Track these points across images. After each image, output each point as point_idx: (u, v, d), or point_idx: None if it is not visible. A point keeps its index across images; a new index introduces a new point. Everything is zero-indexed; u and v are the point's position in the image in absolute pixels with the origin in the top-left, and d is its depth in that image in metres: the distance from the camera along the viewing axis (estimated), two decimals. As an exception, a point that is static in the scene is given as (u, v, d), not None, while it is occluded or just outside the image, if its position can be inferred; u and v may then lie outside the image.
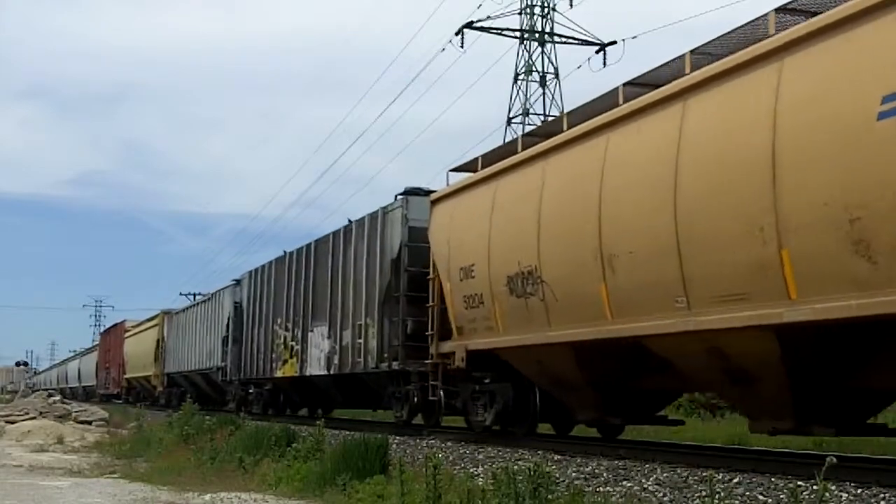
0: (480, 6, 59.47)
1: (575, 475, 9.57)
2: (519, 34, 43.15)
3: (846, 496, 7.37)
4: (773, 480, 8.24)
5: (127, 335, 48.22)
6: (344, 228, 19.64)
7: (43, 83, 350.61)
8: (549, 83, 43.11)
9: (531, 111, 42.57)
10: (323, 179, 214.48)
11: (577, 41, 42.69)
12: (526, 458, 10.68)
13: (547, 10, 43.27)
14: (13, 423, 23.06)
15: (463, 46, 41.16)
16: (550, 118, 39.96)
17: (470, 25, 41.40)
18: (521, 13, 43.00)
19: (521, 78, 43.11)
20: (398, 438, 14.68)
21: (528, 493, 6.67)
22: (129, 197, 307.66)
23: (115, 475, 12.87)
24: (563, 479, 9.07)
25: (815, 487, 6.93)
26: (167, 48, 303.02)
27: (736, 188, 8.89)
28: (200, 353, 31.97)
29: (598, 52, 41.44)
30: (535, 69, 43.04)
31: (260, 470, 11.61)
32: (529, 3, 43.08)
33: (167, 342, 38.47)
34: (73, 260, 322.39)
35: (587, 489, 8.48)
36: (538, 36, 43.16)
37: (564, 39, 43.05)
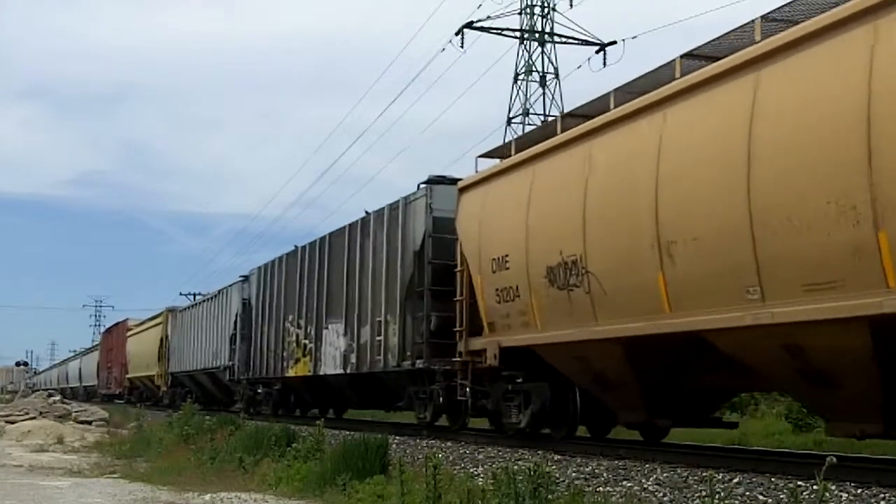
0: (480, 6, 59.27)
1: (575, 475, 9.52)
2: (519, 34, 42.96)
3: (846, 496, 7.34)
4: (773, 480, 8.19)
5: (129, 334, 47.24)
6: (361, 220, 18.69)
7: (43, 83, 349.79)
8: (549, 83, 42.91)
9: (531, 111, 42.37)
10: (323, 179, 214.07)
11: (577, 41, 42.51)
12: (526, 458, 10.60)
13: (547, 10, 43.10)
14: (13, 423, 22.95)
15: (463, 46, 41.05)
16: (550, 118, 40.43)
17: (470, 25, 41.21)
18: (521, 13, 42.86)
19: (521, 78, 42.90)
20: (398, 438, 14.46)
21: (528, 493, 6.68)
22: (129, 197, 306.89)
23: (115, 475, 12.84)
24: (563, 479, 9.03)
25: (815, 487, 6.89)
26: (167, 48, 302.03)
27: (823, 163, 7.96)
28: (206, 351, 31.00)
29: (598, 52, 41.19)
30: (535, 69, 42.86)
31: (260, 470, 11.56)
32: (529, 3, 42.91)
33: (171, 341, 37.50)
34: (73, 260, 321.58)
35: (587, 489, 8.45)
36: (538, 36, 42.95)
37: (564, 39, 42.89)
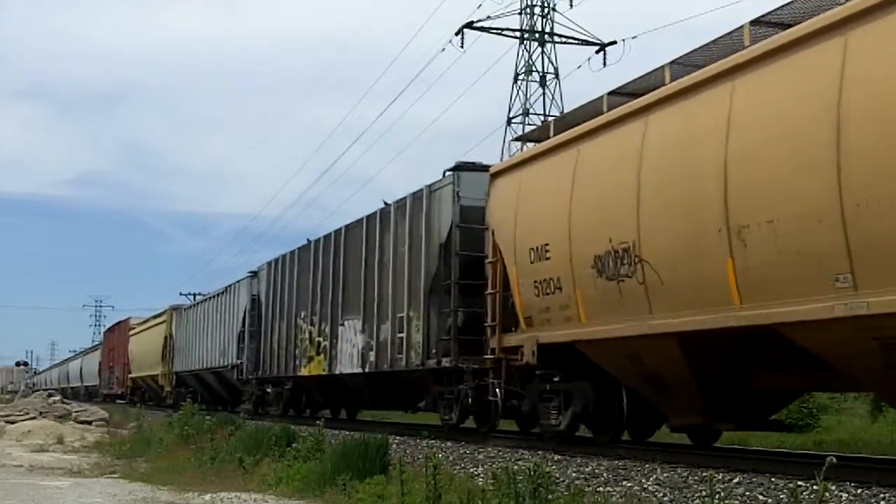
0: (480, 6, 59.26)
1: (575, 475, 9.50)
2: (519, 34, 42.79)
3: (846, 496, 7.33)
4: (773, 480, 8.16)
5: (132, 333, 46.25)
6: (380, 211, 17.73)
7: (43, 83, 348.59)
8: (549, 83, 42.75)
9: (531, 111, 42.21)
10: (323, 179, 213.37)
11: (577, 41, 42.34)
12: (526, 458, 10.54)
13: (547, 10, 42.95)
14: (13, 423, 22.82)
15: (463, 46, 40.89)
16: (550, 118, 39.72)
17: (470, 25, 41.02)
18: (521, 13, 42.68)
19: (521, 78, 42.73)
20: (398, 438, 14.32)
21: (528, 493, 6.64)
22: (129, 197, 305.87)
23: (115, 475, 12.80)
24: (563, 479, 9.00)
25: (815, 487, 6.87)
26: (167, 48, 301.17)
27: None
28: (213, 350, 30.01)
29: (598, 52, 40.99)
30: (535, 69, 42.72)
31: (260, 470, 11.51)
32: (529, 3, 42.72)
33: (176, 339, 36.51)
34: (73, 260, 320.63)
35: (587, 489, 8.44)
36: (538, 36, 42.79)
37: (564, 39, 42.74)
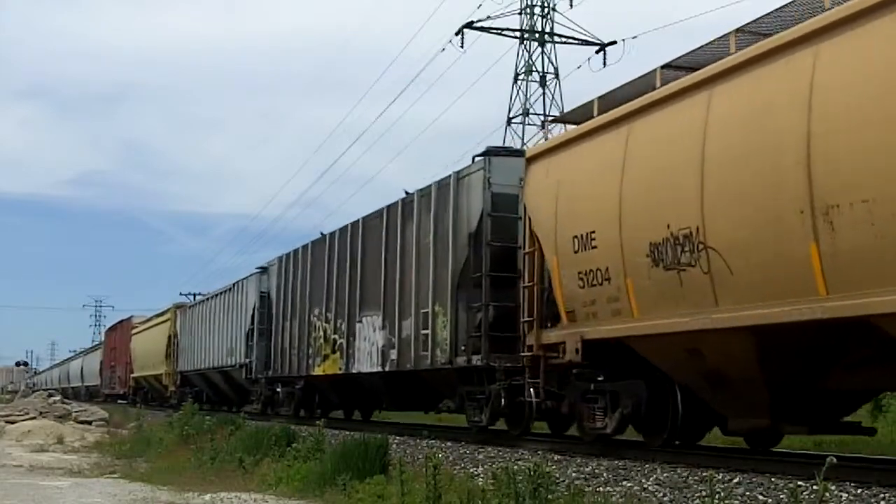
0: (480, 6, 59.29)
1: (575, 475, 9.46)
2: (519, 34, 42.67)
3: (846, 496, 7.33)
4: (773, 480, 8.13)
5: (134, 332, 45.28)
6: (401, 201, 16.77)
7: (43, 83, 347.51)
8: (549, 83, 42.64)
9: (531, 111, 42.24)
10: (323, 179, 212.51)
11: (577, 41, 42.14)
12: (526, 458, 10.48)
13: (547, 10, 42.77)
14: (13, 423, 22.71)
15: (463, 46, 40.73)
16: (550, 118, 39.63)
17: (470, 25, 40.83)
18: (521, 13, 42.54)
19: (521, 78, 42.63)
20: (398, 438, 14.21)
21: (528, 493, 6.63)
22: (129, 197, 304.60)
23: (115, 475, 12.78)
24: (563, 479, 8.95)
25: (815, 487, 6.85)
26: (167, 48, 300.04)
27: None
28: (220, 349, 29.05)
29: (598, 52, 40.70)
30: (535, 69, 42.63)
31: (260, 470, 11.49)
32: (529, 3, 42.54)
33: (180, 338, 35.55)
34: (73, 260, 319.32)
35: (587, 489, 8.41)
36: (538, 36, 42.67)
37: (564, 39, 42.60)
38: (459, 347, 14.37)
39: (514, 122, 41.93)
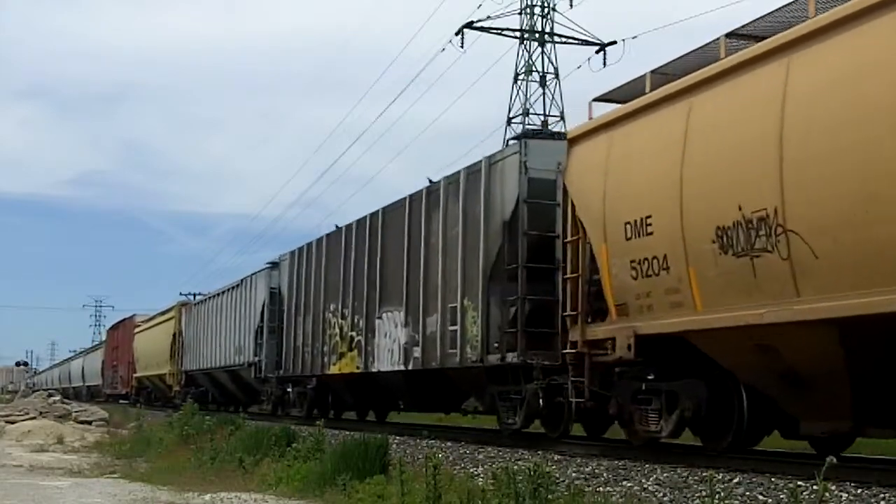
0: (480, 6, 58.24)
1: (575, 475, 9.44)
2: (519, 34, 42.40)
3: (846, 496, 7.31)
4: (773, 480, 8.13)
5: (137, 331, 44.34)
6: (426, 189, 15.82)
7: (43, 83, 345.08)
8: (549, 83, 42.26)
9: (531, 111, 41.83)
10: (323, 179, 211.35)
11: (577, 41, 41.90)
12: (526, 458, 10.45)
13: (547, 10, 42.46)
14: (13, 423, 22.65)
15: (463, 46, 40.54)
16: (551, 118, 39.86)
17: (470, 25, 40.67)
18: (521, 13, 42.22)
19: (521, 78, 42.30)
20: (398, 438, 14.15)
21: (528, 493, 6.64)
22: (129, 197, 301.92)
23: (115, 475, 12.75)
24: (563, 479, 8.92)
25: (815, 487, 6.84)
26: (167, 48, 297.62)
27: None
28: (227, 347, 28.10)
29: (598, 52, 40.51)
30: (535, 69, 42.29)
31: (260, 470, 11.48)
32: (529, 3, 42.24)
33: (185, 336, 34.60)
34: (73, 260, 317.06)
35: (587, 489, 8.39)
36: (538, 36, 42.36)
37: (564, 39, 42.31)
38: (492, 344, 13.43)
39: (514, 122, 41.71)
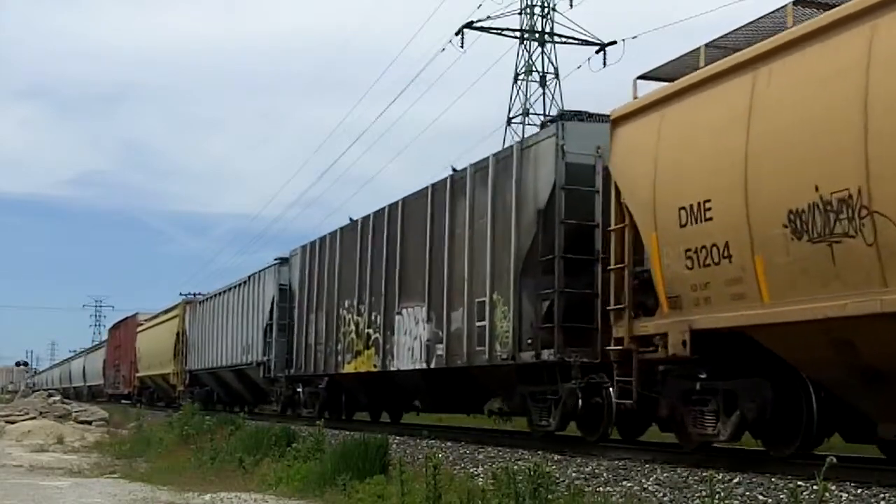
0: (480, 6, 58.69)
1: (575, 475, 9.43)
2: (519, 34, 42.52)
3: (846, 496, 7.31)
4: (773, 480, 8.11)
5: (140, 329, 43.48)
6: (450, 177, 14.99)
7: (43, 83, 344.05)
8: (549, 83, 42.47)
9: (531, 111, 42.07)
10: (323, 179, 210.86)
11: (577, 41, 41.94)
12: (526, 458, 10.44)
13: (547, 10, 42.55)
14: (13, 423, 22.61)
15: (463, 46, 40.53)
16: (550, 118, 38.30)
17: (470, 25, 40.65)
18: (521, 13, 42.31)
19: (521, 78, 42.48)
20: (398, 438, 14.12)
21: (528, 493, 6.66)
22: (129, 197, 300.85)
23: (115, 475, 12.76)
24: (563, 479, 8.91)
25: (815, 487, 6.84)
26: (167, 48, 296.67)
27: None
28: (234, 346, 27.25)
29: (598, 52, 40.42)
30: (535, 69, 42.50)
31: (260, 470, 11.48)
32: (529, 3, 42.31)
33: (190, 335, 33.76)
34: (73, 260, 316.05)
35: (587, 489, 8.38)
36: (538, 36, 42.51)
37: (564, 39, 42.42)
38: (524, 341, 12.61)
39: (514, 122, 41.84)
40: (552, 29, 42.38)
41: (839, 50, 7.97)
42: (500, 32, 42.07)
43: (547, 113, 40.44)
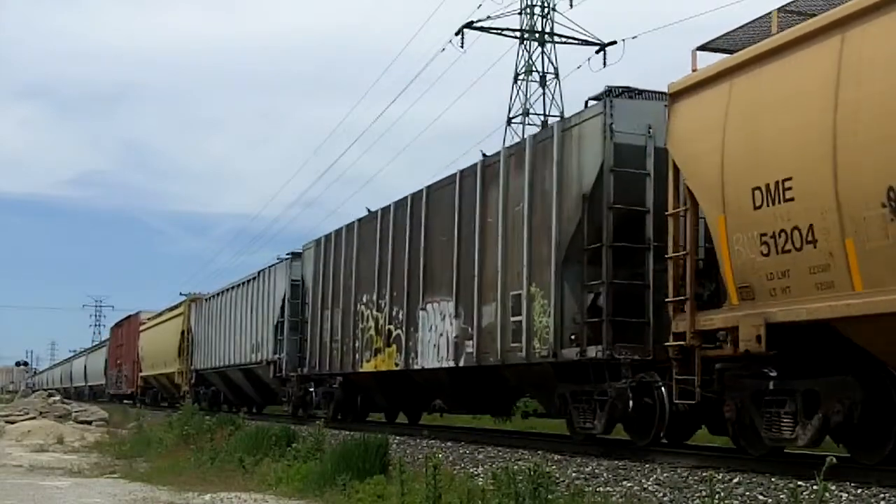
0: (480, 6, 59.12)
1: (575, 475, 9.42)
2: (519, 34, 42.26)
3: (846, 496, 7.28)
4: (773, 480, 8.08)
5: (143, 328, 42.49)
6: (481, 163, 14.04)
7: (43, 83, 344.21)
8: (549, 83, 42.17)
9: (531, 111, 41.80)
10: (323, 179, 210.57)
11: (577, 41, 41.70)
12: (526, 458, 10.43)
13: (547, 10, 42.25)
14: (13, 423, 22.52)
15: (463, 46, 40.30)
16: (551, 118, 39.75)
17: (470, 25, 40.42)
18: (521, 13, 42.01)
19: (521, 78, 42.20)
20: (398, 438, 14.03)
21: (528, 493, 6.65)
22: (129, 197, 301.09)
23: (115, 475, 12.75)
24: (563, 479, 8.91)
25: (815, 487, 6.72)
26: (167, 48, 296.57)
27: None
28: (242, 344, 26.30)
29: (598, 52, 40.19)
30: (535, 69, 42.23)
31: (260, 470, 11.45)
32: (529, 3, 42.00)
33: (195, 333, 32.80)
34: (73, 260, 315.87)
35: (587, 489, 8.31)
36: (538, 36, 42.26)
37: (564, 39, 42.16)
38: (566, 337, 11.66)
39: (514, 122, 41.51)
40: (552, 29, 42.28)
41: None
42: (499, 32, 41.97)
43: (547, 113, 40.89)
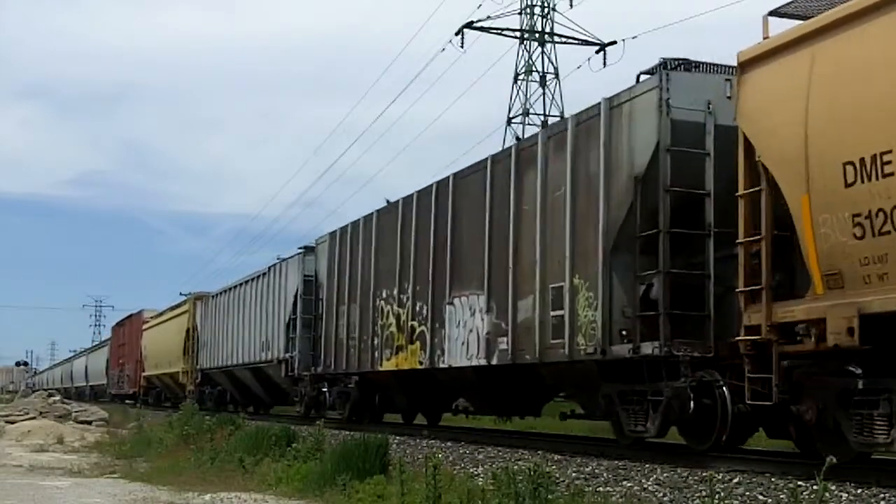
0: (480, 6, 58.46)
1: (575, 475, 9.40)
2: (519, 34, 42.38)
3: (846, 496, 7.26)
4: (773, 480, 8.06)
5: (146, 327, 41.52)
6: (516, 146, 13.13)
7: (43, 83, 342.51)
8: (549, 83, 42.30)
9: (531, 111, 41.94)
10: (323, 179, 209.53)
11: (577, 41, 41.79)
12: (526, 458, 10.41)
13: (547, 10, 42.33)
14: (13, 423, 22.45)
15: (463, 46, 40.35)
16: (551, 118, 39.67)
17: (470, 25, 40.50)
18: (521, 13, 42.07)
19: (521, 78, 42.33)
20: (398, 438, 13.98)
21: (528, 493, 6.66)
22: (129, 197, 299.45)
23: (115, 475, 12.78)
24: (563, 479, 8.88)
25: (815, 487, 6.79)
26: (167, 48, 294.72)
27: None
28: (252, 342, 25.34)
29: (598, 52, 40.22)
30: (535, 69, 42.39)
31: (260, 470, 11.46)
32: (529, 3, 42.09)
33: (201, 332, 31.85)
34: (73, 260, 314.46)
35: (587, 489, 8.32)
36: (538, 36, 42.38)
37: (564, 39, 42.25)
38: (615, 332, 10.72)
39: (514, 122, 41.52)
40: (552, 29, 42.16)
41: None
42: (499, 32, 41.85)
43: (547, 113, 40.87)
